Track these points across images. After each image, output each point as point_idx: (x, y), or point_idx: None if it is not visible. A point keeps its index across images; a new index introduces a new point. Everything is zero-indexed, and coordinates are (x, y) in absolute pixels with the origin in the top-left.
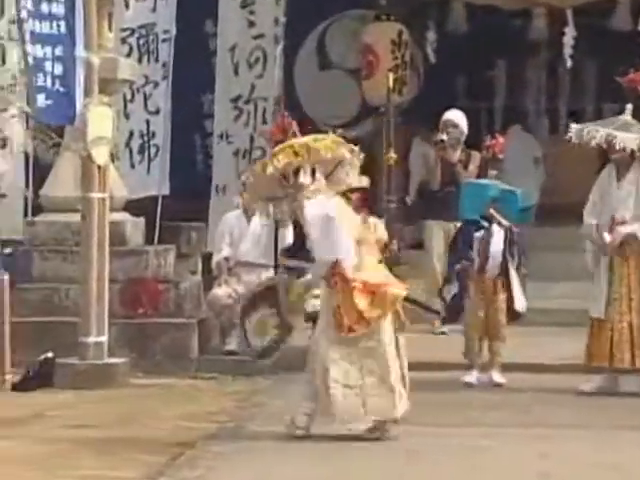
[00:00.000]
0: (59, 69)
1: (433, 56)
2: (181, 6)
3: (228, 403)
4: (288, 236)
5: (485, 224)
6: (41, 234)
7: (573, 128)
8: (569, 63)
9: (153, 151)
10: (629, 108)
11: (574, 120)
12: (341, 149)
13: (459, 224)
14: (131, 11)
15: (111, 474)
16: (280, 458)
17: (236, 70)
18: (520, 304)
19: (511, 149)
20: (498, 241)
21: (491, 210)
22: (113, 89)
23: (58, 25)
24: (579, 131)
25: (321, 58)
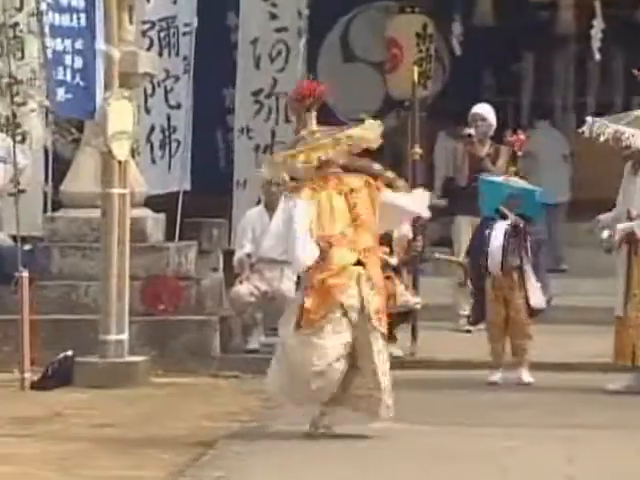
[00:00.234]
0: (79, 63)
1: (459, 49)
2: None
3: (250, 402)
4: None
5: (499, 221)
6: (61, 230)
7: (587, 122)
8: (597, 56)
9: (174, 146)
10: None
11: (601, 114)
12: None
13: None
14: (152, 4)
15: (131, 474)
16: (303, 458)
17: (257, 64)
18: (536, 301)
19: (540, 146)
20: (497, 238)
21: (501, 207)
22: (134, 83)
23: (78, 18)
24: (591, 125)
25: (345, 51)
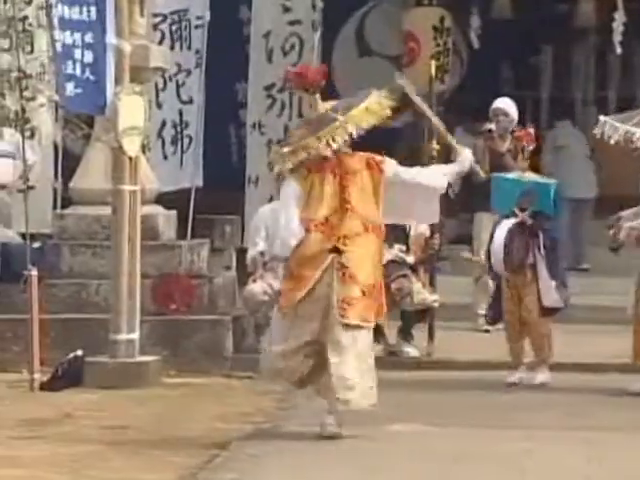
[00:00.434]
0: (89, 56)
1: (477, 42)
2: None
3: (264, 403)
4: None
5: (505, 219)
6: (70, 228)
7: (599, 122)
8: (618, 49)
9: (186, 142)
10: None
11: (623, 108)
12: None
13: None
14: None
15: (142, 476)
16: (317, 460)
17: (270, 57)
18: (549, 300)
19: (564, 147)
20: (499, 236)
21: (514, 208)
22: (145, 77)
23: (88, 11)
24: (602, 126)
25: (360, 45)
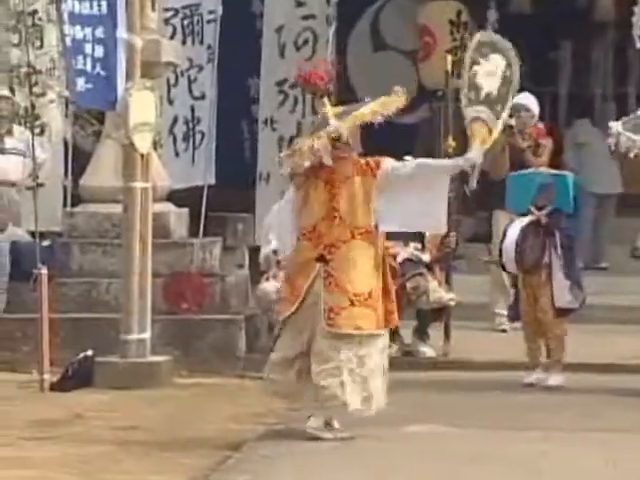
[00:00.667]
0: (100, 51)
1: None
2: None
3: (277, 404)
4: None
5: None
6: (81, 226)
7: (612, 132)
8: (638, 44)
9: (198, 138)
10: None
11: None
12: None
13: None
14: None
15: (154, 478)
16: (331, 461)
17: (282, 52)
18: (561, 300)
19: (585, 144)
20: (511, 235)
21: (530, 207)
22: (156, 73)
23: (99, 5)
24: (617, 137)
25: (375, 39)
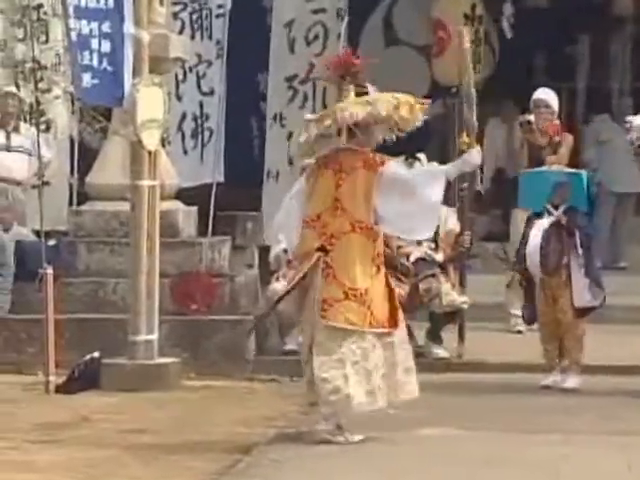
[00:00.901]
0: (106, 46)
1: (509, 31)
2: None
3: (287, 407)
4: None
5: (546, 216)
6: (87, 224)
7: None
8: None
9: (207, 135)
10: None
11: None
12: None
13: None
14: None
15: None
16: (341, 465)
17: (292, 47)
18: (581, 299)
19: (606, 141)
20: (535, 238)
21: (547, 205)
22: (164, 68)
23: None
24: (637, 131)
25: (388, 34)
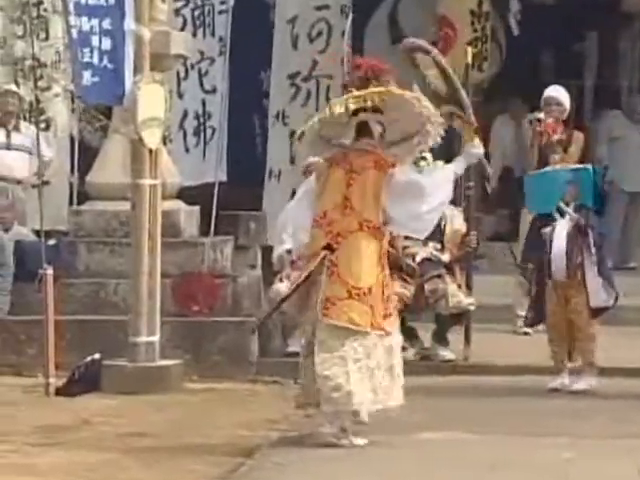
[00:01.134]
0: (107, 44)
1: (517, 28)
2: None
3: (290, 410)
4: None
5: (558, 217)
6: (87, 224)
7: None
8: None
9: (209, 133)
10: None
11: None
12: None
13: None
14: None
15: None
16: (345, 468)
17: (295, 44)
18: (597, 300)
19: (619, 138)
20: (560, 241)
21: (559, 202)
22: (166, 65)
23: None
24: None
25: (393, 31)
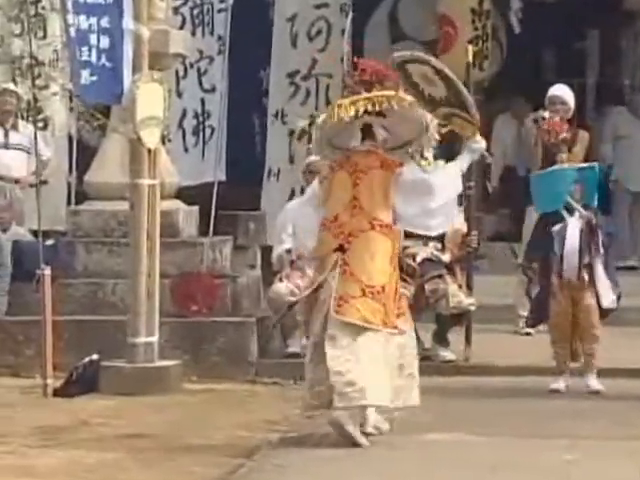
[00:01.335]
0: (105, 42)
1: (518, 26)
2: None
3: (290, 411)
4: None
5: (566, 215)
6: (85, 224)
7: None
8: None
9: (208, 133)
10: None
11: None
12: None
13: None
14: None
15: None
16: (346, 470)
17: (294, 42)
18: (607, 300)
19: (624, 136)
20: (573, 239)
21: (569, 199)
22: (165, 64)
23: None
24: None
25: (393, 29)
